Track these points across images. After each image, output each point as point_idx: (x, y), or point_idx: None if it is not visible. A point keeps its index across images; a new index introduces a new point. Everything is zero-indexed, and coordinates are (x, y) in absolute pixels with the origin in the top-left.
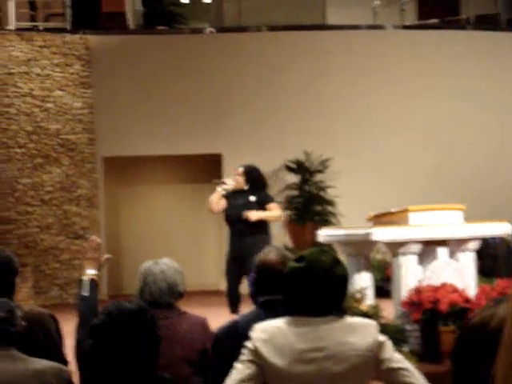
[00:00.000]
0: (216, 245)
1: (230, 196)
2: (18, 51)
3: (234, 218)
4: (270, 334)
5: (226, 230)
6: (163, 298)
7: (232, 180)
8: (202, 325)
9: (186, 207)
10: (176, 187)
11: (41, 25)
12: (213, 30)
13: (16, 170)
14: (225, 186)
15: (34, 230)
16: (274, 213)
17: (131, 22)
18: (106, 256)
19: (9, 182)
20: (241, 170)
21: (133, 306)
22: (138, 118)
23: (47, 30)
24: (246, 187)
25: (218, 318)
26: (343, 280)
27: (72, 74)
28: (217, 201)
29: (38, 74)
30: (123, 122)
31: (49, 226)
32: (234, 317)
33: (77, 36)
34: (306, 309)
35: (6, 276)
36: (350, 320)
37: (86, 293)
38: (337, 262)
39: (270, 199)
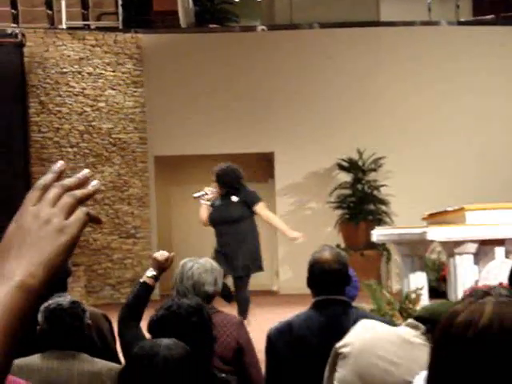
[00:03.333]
0: (267, 244)
1: (215, 201)
2: (70, 50)
3: (217, 220)
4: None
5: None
6: (188, 297)
7: (210, 188)
8: (237, 323)
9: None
10: None
11: (92, 24)
12: (264, 27)
13: (68, 170)
14: (207, 197)
15: (87, 229)
16: (281, 223)
17: (183, 20)
18: (171, 254)
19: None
20: (212, 176)
21: (191, 302)
22: (189, 117)
23: (99, 28)
24: (223, 191)
25: (271, 317)
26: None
27: (124, 73)
28: (207, 214)
29: (90, 73)
30: (175, 121)
31: (101, 225)
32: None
33: (128, 35)
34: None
35: (59, 277)
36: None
37: (133, 292)
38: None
39: (255, 199)
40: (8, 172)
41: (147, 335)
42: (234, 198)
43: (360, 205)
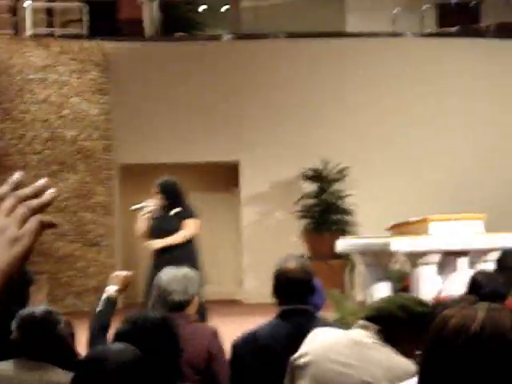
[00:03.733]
0: (232, 254)
1: (154, 214)
2: (35, 57)
3: (154, 231)
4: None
5: (243, 239)
6: (156, 306)
7: (152, 200)
8: (210, 333)
9: (202, 216)
10: (193, 195)
11: (58, 31)
12: (230, 36)
13: (32, 177)
14: (146, 209)
15: (50, 237)
16: (176, 236)
17: (148, 28)
18: (129, 273)
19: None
20: (156, 188)
21: (157, 316)
22: (154, 126)
23: (64, 36)
24: (165, 203)
25: (235, 327)
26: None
27: (89, 80)
28: (145, 227)
29: (55, 81)
30: (140, 129)
31: (64, 233)
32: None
33: (94, 42)
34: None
35: (21, 286)
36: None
37: (100, 307)
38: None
39: (188, 214)
40: None
41: None
42: (173, 211)
43: (325, 215)
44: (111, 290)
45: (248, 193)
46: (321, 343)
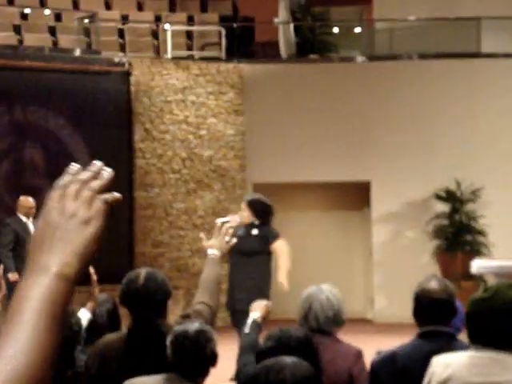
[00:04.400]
0: (362, 272)
1: (237, 231)
2: (175, 79)
3: (235, 250)
4: (452, 368)
5: (374, 258)
6: (328, 325)
7: (237, 216)
8: (354, 354)
9: (333, 234)
10: (324, 214)
11: (196, 54)
12: (364, 58)
13: (170, 195)
14: (231, 224)
15: (186, 253)
16: (287, 264)
17: (284, 51)
18: (269, 303)
19: (163, 207)
20: (244, 203)
21: (300, 333)
22: (288, 146)
23: (202, 58)
24: (253, 220)
25: (365, 346)
26: None
27: (225, 101)
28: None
29: (193, 102)
30: (273, 149)
31: (200, 250)
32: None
33: (231, 65)
34: (487, 340)
35: (160, 298)
36: None
37: (247, 330)
38: None
39: (275, 235)
40: None
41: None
42: (254, 232)
43: (457, 235)
44: (255, 316)
45: (379, 212)
46: (454, 370)
